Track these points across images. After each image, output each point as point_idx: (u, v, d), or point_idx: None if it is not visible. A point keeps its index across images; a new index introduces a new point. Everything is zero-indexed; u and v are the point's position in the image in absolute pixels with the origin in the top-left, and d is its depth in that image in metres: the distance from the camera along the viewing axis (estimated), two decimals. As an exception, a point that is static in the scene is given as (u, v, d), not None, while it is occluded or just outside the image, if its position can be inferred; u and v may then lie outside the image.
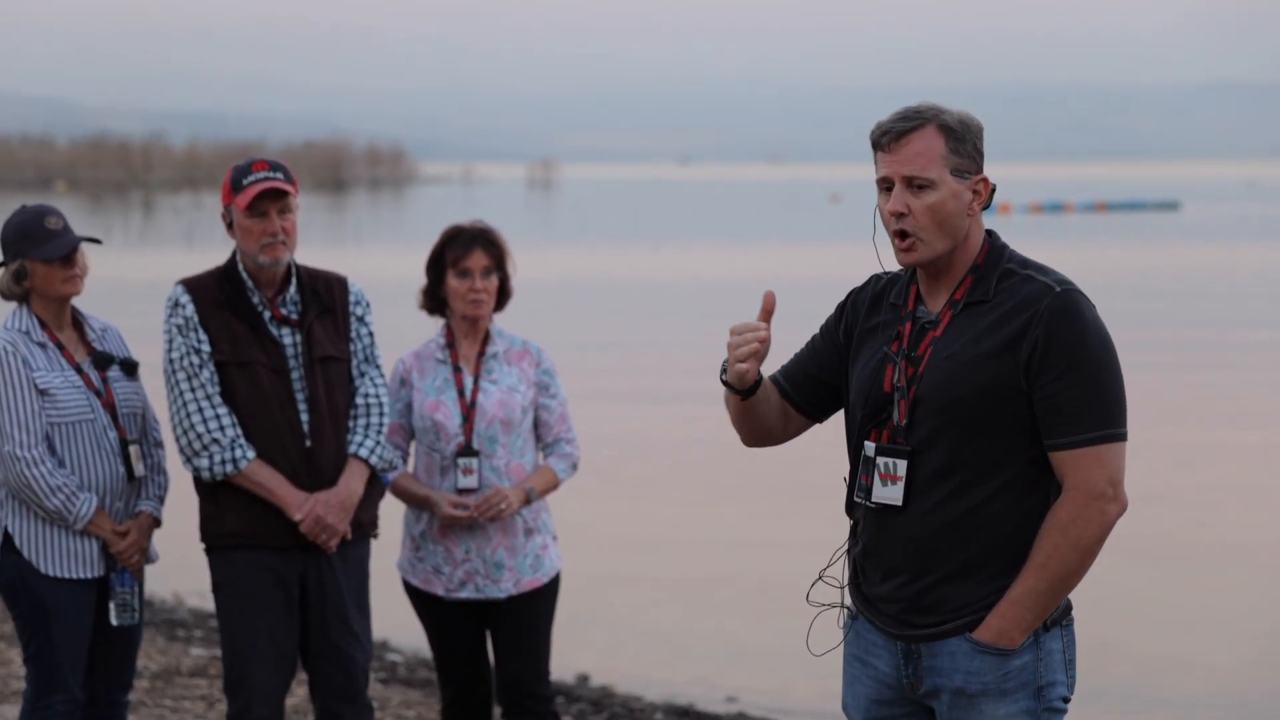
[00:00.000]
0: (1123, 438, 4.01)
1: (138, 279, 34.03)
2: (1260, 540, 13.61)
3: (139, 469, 5.86)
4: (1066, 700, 4.11)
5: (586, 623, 10.98)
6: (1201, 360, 24.23)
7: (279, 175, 5.82)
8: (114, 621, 5.82)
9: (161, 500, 5.97)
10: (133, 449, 5.84)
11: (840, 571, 4.29)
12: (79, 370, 5.82)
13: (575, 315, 30.45)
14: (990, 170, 4.20)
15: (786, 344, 4.49)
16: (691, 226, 70.18)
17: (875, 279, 4.28)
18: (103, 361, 5.87)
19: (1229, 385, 21.94)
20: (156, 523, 5.92)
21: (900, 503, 4.05)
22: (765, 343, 4.11)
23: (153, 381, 6.01)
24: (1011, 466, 4.02)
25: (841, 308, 4.30)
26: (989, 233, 4.16)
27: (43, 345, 5.80)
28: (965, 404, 3.99)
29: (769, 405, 4.29)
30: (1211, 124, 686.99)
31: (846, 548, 4.28)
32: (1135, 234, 61.95)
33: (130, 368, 5.94)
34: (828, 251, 46.71)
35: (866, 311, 4.23)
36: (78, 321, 5.92)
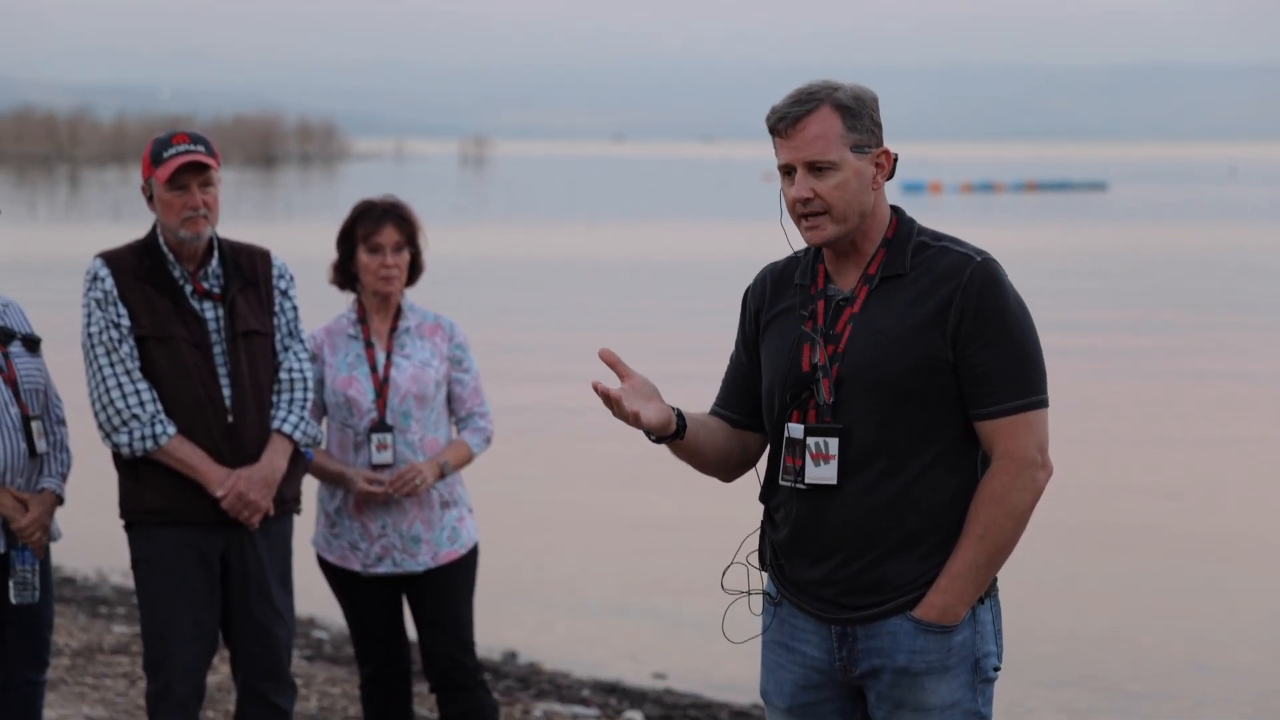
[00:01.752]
0: (1046, 403, 4.02)
1: (63, 254, 33.73)
2: (1207, 520, 13.70)
3: (41, 445, 5.77)
4: (998, 669, 4.13)
5: (514, 600, 10.96)
6: (1135, 342, 24.39)
7: (200, 148, 5.74)
8: (13, 600, 5.73)
9: (64, 478, 5.88)
10: (35, 425, 5.75)
11: (755, 556, 4.25)
12: (-24, 345, 5.73)
13: (505, 291, 30.38)
14: (922, 150, 4.18)
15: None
16: (625, 204, 70.18)
17: (769, 268, 4.25)
18: (3, 337, 5.78)
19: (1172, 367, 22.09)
20: (59, 500, 5.83)
21: (835, 482, 4.01)
22: (619, 397, 4.00)
23: (56, 358, 5.92)
24: (942, 439, 4.01)
25: (743, 309, 4.27)
26: (895, 208, 4.15)
27: (-64, 321, 5.71)
28: (896, 379, 3.97)
29: (714, 436, 4.21)
30: (1143, 106, 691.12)
31: (761, 533, 4.24)
32: (1064, 214, 62.32)
33: (32, 344, 5.84)
34: (759, 229, 46.74)
35: (770, 298, 4.20)
36: None
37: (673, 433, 4.10)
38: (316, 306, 6.30)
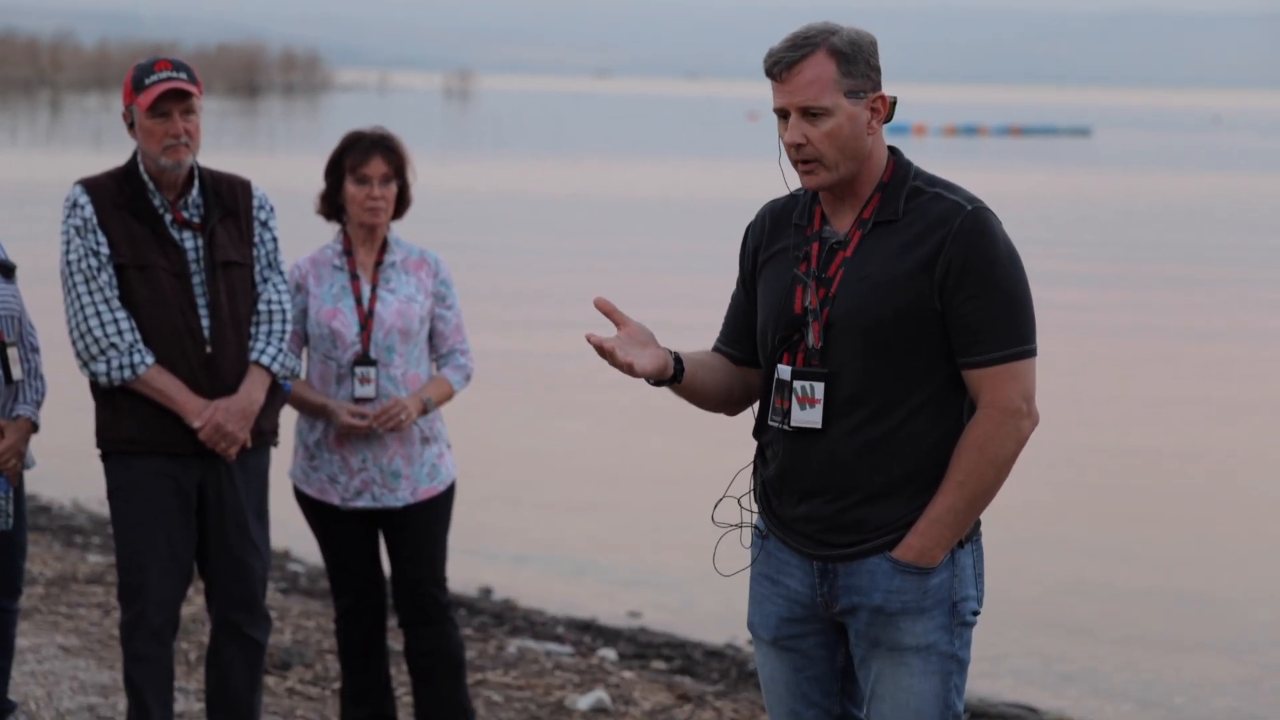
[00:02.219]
0: (1034, 353, 4.02)
1: (43, 180, 33.58)
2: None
3: (16, 372, 5.73)
4: (976, 613, 4.14)
5: (491, 537, 10.96)
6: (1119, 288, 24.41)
7: (183, 75, 5.68)
8: None
9: (39, 405, 5.85)
10: (10, 352, 5.71)
11: (745, 491, 4.27)
12: (-48, 271, 5.68)
13: (487, 226, 30.30)
14: (907, 91, 4.16)
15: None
16: (611, 141, 70.00)
17: (770, 205, 4.25)
18: None
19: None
20: (34, 428, 5.80)
21: (819, 425, 4.03)
22: (612, 348, 4.00)
23: (35, 289, 5.87)
24: (928, 386, 4.02)
25: (743, 246, 4.28)
26: (893, 150, 4.14)
27: (-87, 243, 5.67)
28: (883, 326, 3.98)
29: (714, 375, 4.23)
30: (1127, 52, 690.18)
31: (753, 469, 4.26)
32: (1048, 158, 62.28)
33: (7, 270, 5.79)
34: (746, 169, 46.65)
35: (768, 236, 4.20)
36: None
37: (670, 377, 4.11)
38: (297, 238, 6.25)
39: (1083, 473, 13.00)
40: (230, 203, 5.82)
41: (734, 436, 4.40)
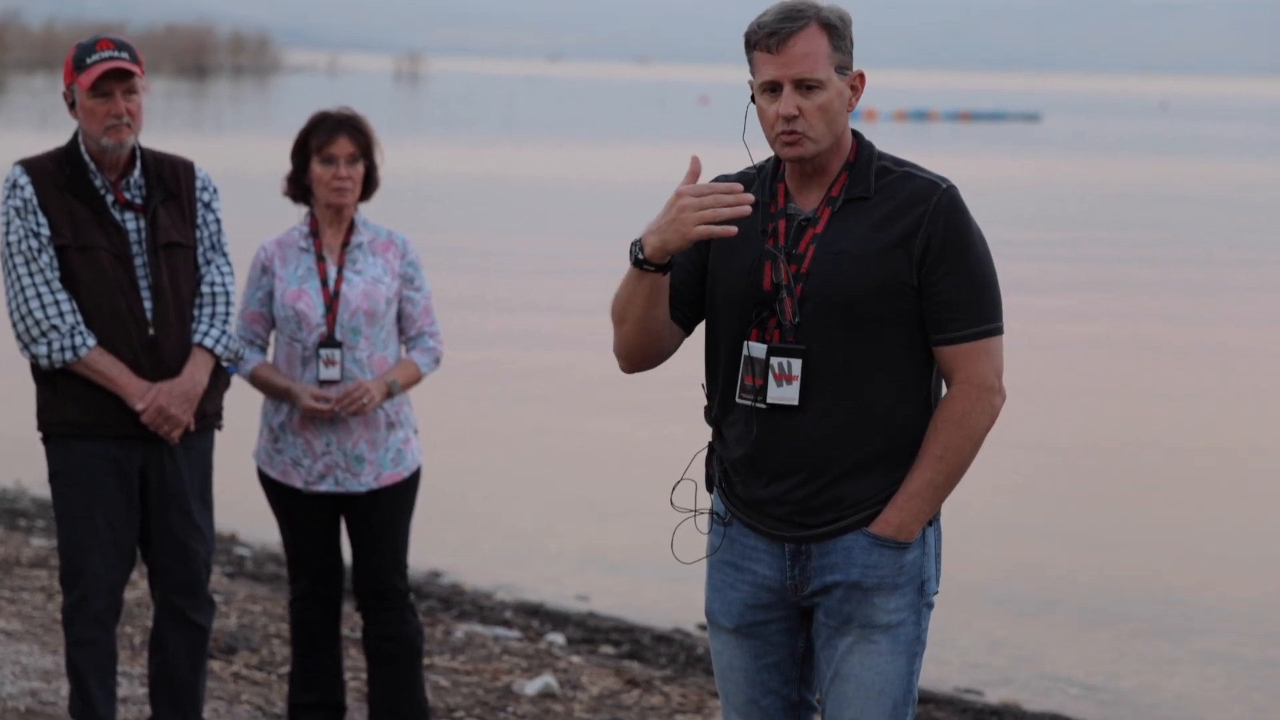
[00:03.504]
0: (1002, 330, 4.07)
1: (-10, 161, 33.32)
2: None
3: None
4: (935, 594, 4.15)
5: (438, 519, 10.92)
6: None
7: (124, 55, 5.62)
8: None
9: None
10: None
11: (702, 476, 4.23)
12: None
13: (440, 210, 30.22)
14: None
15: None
16: (561, 125, 69.89)
17: (721, 180, 4.16)
18: None
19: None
20: None
21: (796, 402, 4.02)
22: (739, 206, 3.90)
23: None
24: (901, 361, 4.03)
25: None
26: (854, 131, 4.14)
27: None
28: (859, 300, 3.98)
29: (662, 313, 4.08)
30: (1074, 38, 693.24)
31: (708, 452, 4.22)
32: (998, 143, 62.48)
33: None
34: (700, 153, 46.54)
35: None
36: None
37: (667, 261, 4.00)
38: (246, 219, 6.20)
39: (1033, 455, 13.03)
40: (173, 184, 5.76)
41: (681, 419, 4.37)
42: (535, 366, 16.53)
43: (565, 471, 12.77)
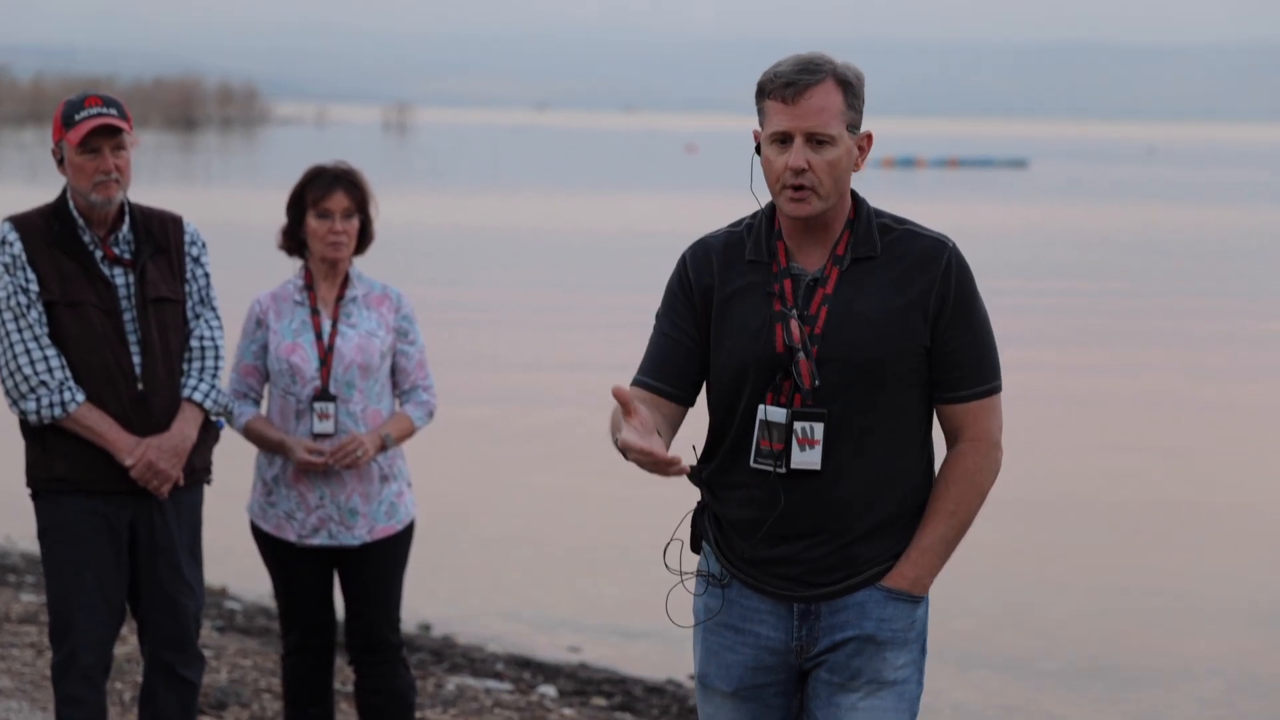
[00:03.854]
0: (1002, 387, 4.10)
1: (-22, 214, 33.27)
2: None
3: None
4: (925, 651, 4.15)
5: (429, 572, 10.89)
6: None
7: (113, 111, 5.64)
8: None
9: None
10: None
11: (688, 536, 4.17)
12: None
13: (428, 260, 30.23)
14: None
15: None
16: (550, 174, 70.00)
17: (709, 242, 4.10)
18: None
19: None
20: None
21: (819, 467, 3.98)
22: (650, 450, 3.77)
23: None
24: (910, 421, 4.04)
25: (683, 283, 4.08)
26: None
27: None
28: (877, 363, 3.97)
29: (665, 423, 4.03)
30: (1062, 84, 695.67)
31: (699, 511, 4.16)
32: (986, 190, 62.62)
33: None
34: (689, 202, 46.69)
35: (721, 274, 4.05)
36: None
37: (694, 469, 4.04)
38: (236, 270, 6.20)
39: (1021, 507, 13.02)
40: (161, 239, 5.77)
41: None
42: (527, 420, 16.52)
43: (555, 524, 12.75)
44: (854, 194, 4.10)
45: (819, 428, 3.96)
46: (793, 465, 3.98)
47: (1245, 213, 51.98)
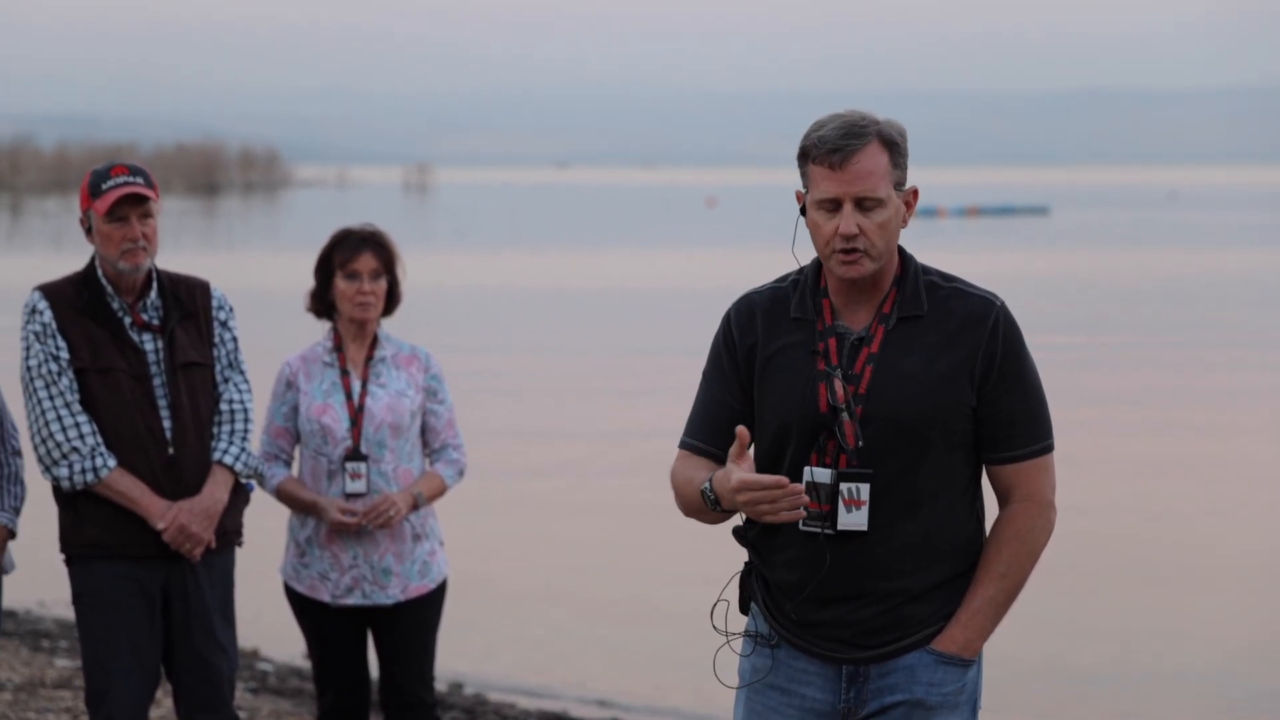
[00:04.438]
0: (1054, 446, 4.05)
1: (4, 283, 33.50)
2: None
3: None
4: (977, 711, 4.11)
5: (461, 628, 10.91)
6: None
7: (139, 180, 5.71)
8: None
9: (17, 511, 5.81)
10: None
11: (735, 597, 4.13)
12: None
13: (454, 320, 30.30)
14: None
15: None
16: (572, 231, 70.15)
17: (754, 299, 4.08)
18: None
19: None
20: (10, 534, 5.77)
21: (866, 528, 3.94)
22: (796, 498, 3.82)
23: (14, 390, 5.87)
24: (959, 481, 4.00)
25: (728, 343, 4.07)
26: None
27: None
28: (924, 423, 3.93)
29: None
30: (1081, 131, 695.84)
31: (747, 573, 4.11)
32: (1008, 238, 62.60)
33: None
34: (711, 256, 46.77)
35: (765, 332, 4.03)
36: None
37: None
38: (261, 333, 6.25)
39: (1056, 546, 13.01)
40: (189, 304, 5.83)
41: (700, 527, 4.36)
42: (555, 476, 16.53)
43: (586, 580, 12.75)
44: (901, 250, 4.05)
45: (865, 488, 3.93)
46: (840, 527, 3.94)
47: (1269, 255, 51.87)
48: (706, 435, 4.08)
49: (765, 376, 4.02)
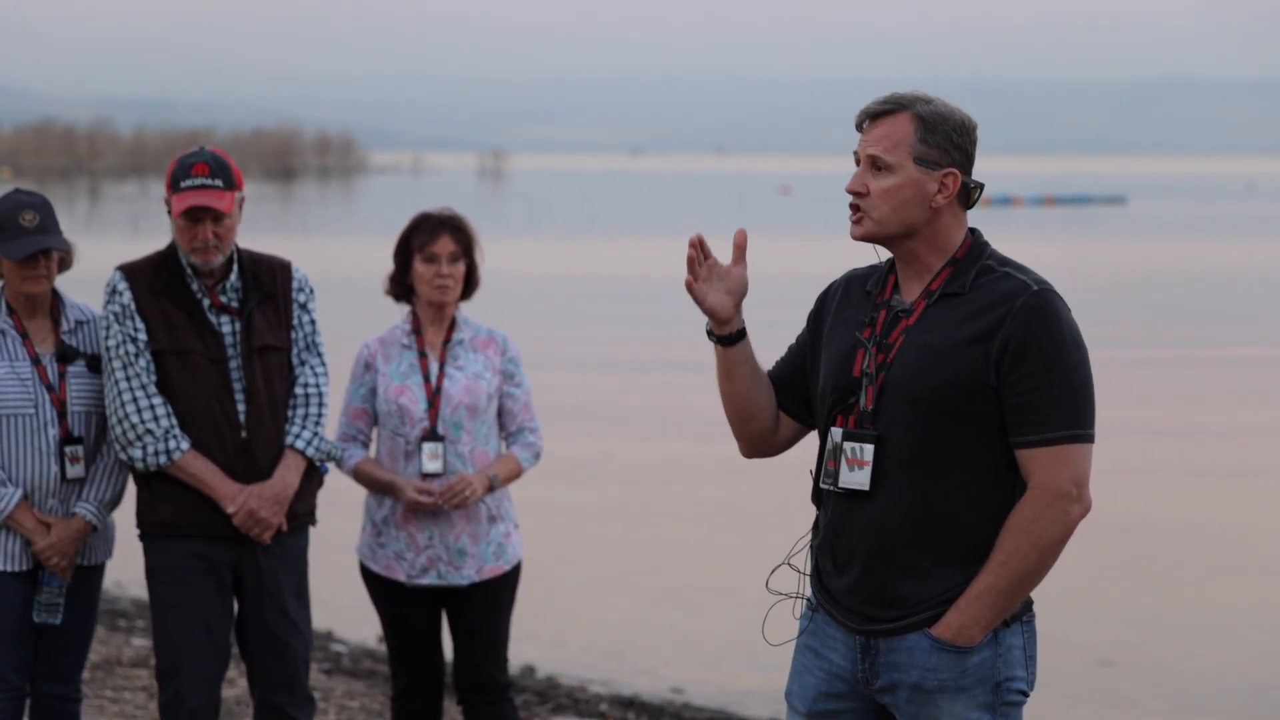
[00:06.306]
0: (1090, 439, 3.99)
1: (84, 267, 33.74)
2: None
3: (73, 470, 5.73)
4: (1025, 694, 4.08)
5: (533, 613, 10.94)
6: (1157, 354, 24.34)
7: (218, 182, 5.69)
8: (34, 619, 5.73)
9: (108, 505, 5.83)
10: (70, 449, 5.72)
11: (803, 561, 4.25)
12: (36, 361, 5.72)
13: (530, 307, 30.37)
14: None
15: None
16: (647, 219, 70.16)
17: (851, 273, 4.28)
18: (67, 355, 5.78)
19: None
20: (91, 528, 5.78)
21: (867, 487, 4.02)
22: (708, 263, 4.20)
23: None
24: (977, 460, 3.99)
25: (815, 308, 4.31)
26: (973, 230, 4.14)
27: (2, 332, 5.72)
28: (933, 393, 3.98)
29: (761, 385, 4.25)
30: (1160, 120, 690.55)
31: (810, 539, 4.24)
32: (1084, 227, 62.23)
33: (97, 364, 5.81)
34: (784, 244, 46.68)
35: (839, 303, 4.23)
36: (57, 309, 5.83)
37: (728, 335, 4.20)
38: (333, 319, 6.28)
39: (1120, 541, 12.94)
40: (269, 286, 5.86)
41: (773, 511, 4.39)
42: (630, 462, 16.55)
43: (658, 564, 12.76)
44: (976, 235, 4.13)
45: (868, 449, 4.03)
46: (840, 483, 4.06)
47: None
48: (777, 367, 4.35)
49: (826, 341, 4.20)
